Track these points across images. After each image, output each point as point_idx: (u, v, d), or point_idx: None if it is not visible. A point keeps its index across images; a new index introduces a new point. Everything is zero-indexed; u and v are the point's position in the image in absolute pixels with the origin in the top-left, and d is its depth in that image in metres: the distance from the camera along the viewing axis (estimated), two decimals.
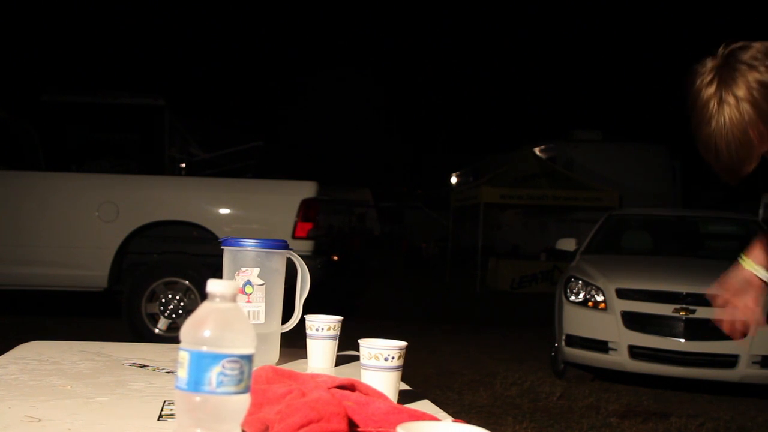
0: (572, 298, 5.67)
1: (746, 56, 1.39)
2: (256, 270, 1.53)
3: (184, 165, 8.69)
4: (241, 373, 0.80)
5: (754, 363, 5.01)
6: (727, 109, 1.37)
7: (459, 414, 4.10)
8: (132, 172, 7.29)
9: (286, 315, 1.61)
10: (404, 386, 1.38)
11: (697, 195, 18.54)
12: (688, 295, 5.20)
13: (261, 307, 1.53)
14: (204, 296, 0.82)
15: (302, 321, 1.63)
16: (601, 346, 5.37)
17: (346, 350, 1.74)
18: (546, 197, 13.66)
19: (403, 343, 1.30)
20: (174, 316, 6.21)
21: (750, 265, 1.78)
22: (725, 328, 1.77)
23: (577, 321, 5.57)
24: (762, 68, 1.36)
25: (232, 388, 0.80)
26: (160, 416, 1.13)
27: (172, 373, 1.45)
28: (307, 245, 6.17)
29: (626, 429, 4.41)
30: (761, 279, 1.77)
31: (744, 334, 1.77)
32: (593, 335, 5.43)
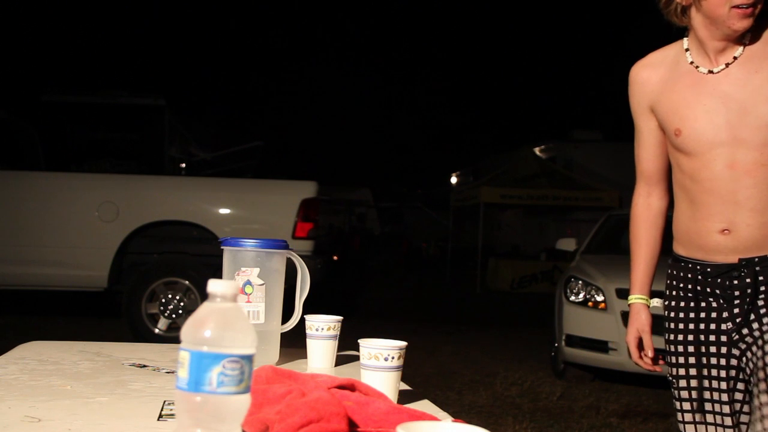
0: (572, 298, 5.67)
1: None
2: (256, 270, 1.53)
3: (184, 165, 8.68)
4: (242, 373, 0.80)
5: None
6: None
7: (459, 414, 4.10)
8: (132, 172, 7.28)
9: (286, 315, 1.61)
10: (404, 386, 1.38)
11: None
12: None
13: (261, 307, 1.53)
14: (204, 296, 0.82)
15: (302, 321, 1.63)
16: (601, 346, 5.37)
17: (346, 350, 1.74)
18: (546, 197, 13.67)
19: (403, 343, 1.30)
20: (174, 316, 6.21)
21: (640, 299, 1.86)
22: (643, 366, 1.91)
23: (577, 321, 5.57)
24: None
25: (233, 388, 0.80)
26: (160, 416, 1.13)
27: (172, 373, 1.45)
28: (307, 245, 6.17)
29: (626, 429, 4.41)
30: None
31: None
32: (593, 335, 5.43)
